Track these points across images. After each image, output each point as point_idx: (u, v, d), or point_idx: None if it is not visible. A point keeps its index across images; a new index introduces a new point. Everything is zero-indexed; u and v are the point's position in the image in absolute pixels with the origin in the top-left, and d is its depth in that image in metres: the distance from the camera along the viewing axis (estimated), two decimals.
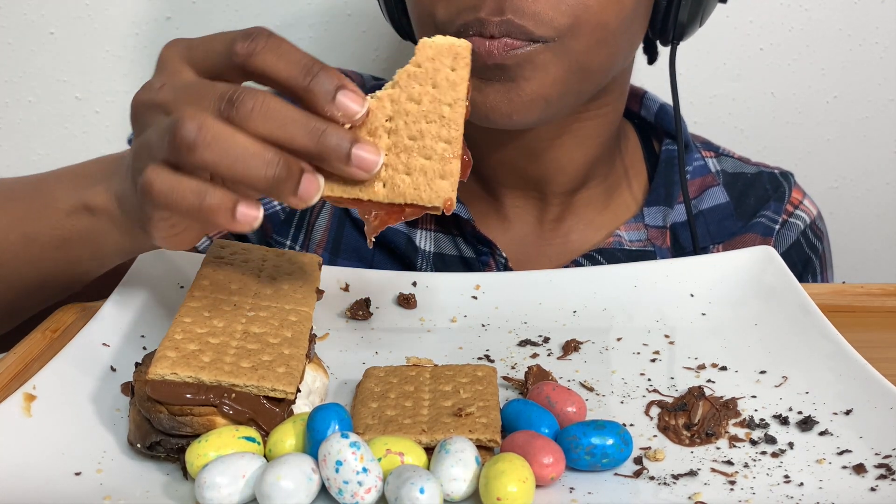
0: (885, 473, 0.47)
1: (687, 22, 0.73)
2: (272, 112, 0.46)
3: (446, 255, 0.79)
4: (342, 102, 0.46)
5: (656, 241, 0.79)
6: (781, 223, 0.83)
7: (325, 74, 0.46)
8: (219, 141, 0.45)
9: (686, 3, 0.71)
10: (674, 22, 0.72)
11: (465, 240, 0.79)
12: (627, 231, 0.79)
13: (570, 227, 0.80)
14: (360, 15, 1.06)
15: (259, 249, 0.60)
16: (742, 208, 0.83)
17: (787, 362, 0.57)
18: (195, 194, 0.46)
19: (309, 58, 0.47)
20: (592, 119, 0.76)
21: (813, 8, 1.09)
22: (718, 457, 0.49)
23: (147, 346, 0.59)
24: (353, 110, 0.47)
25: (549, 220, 0.80)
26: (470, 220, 0.77)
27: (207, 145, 0.45)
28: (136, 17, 1.05)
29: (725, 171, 0.85)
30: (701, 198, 0.82)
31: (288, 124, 0.46)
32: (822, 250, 0.87)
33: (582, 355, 0.60)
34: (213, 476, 0.44)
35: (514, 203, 0.80)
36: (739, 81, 1.12)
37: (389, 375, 0.54)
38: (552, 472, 0.46)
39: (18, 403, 0.50)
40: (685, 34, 0.74)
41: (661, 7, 0.72)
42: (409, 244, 0.79)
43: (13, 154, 1.09)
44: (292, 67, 0.47)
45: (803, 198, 0.86)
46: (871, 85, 1.13)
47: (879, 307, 0.68)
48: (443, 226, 0.79)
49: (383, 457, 0.46)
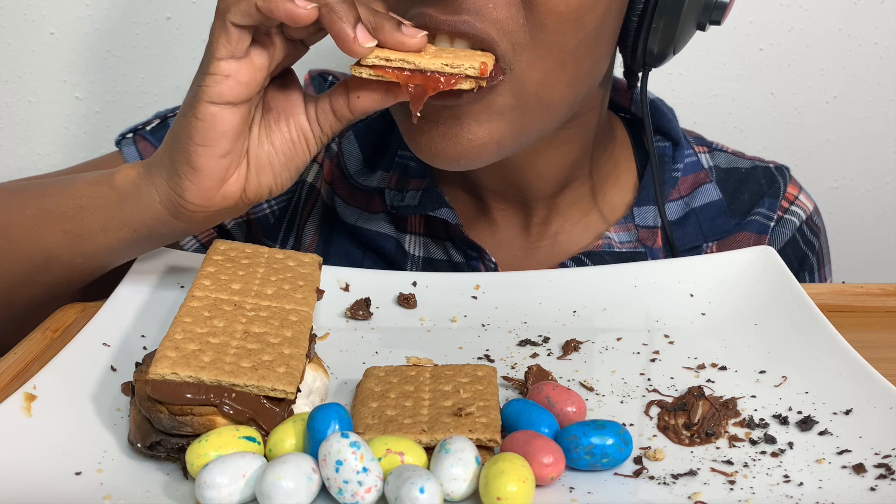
0: (884, 473, 0.47)
1: (658, 50, 0.68)
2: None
3: (436, 259, 0.78)
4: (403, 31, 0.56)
5: (647, 242, 0.78)
6: (776, 220, 0.82)
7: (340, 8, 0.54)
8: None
9: (656, 30, 0.67)
10: (643, 49, 0.69)
11: (454, 245, 0.78)
12: (617, 232, 0.78)
13: (558, 229, 0.79)
14: None
15: (260, 249, 0.60)
16: (736, 205, 0.81)
17: (786, 362, 0.58)
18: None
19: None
20: (568, 129, 0.73)
21: (813, 8, 1.09)
22: (718, 456, 0.49)
23: (147, 346, 0.59)
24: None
25: (535, 224, 0.79)
26: (458, 226, 0.76)
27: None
28: (136, 17, 1.05)
29: (719, 167, 0.83)
30: (693, 195, 0.81)
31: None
32: (819, 246, 0.85)
33: (582, 355, 0.60)
34: (214, 476, 0.44)
35: (499, 207, 0.79)
36: (739, 81, 1.12)
37: (389, 375, 0.54)
38: (552, 471, 0.46)
39: (19, 403, 0.50)
40: (657, 62, 0.70)
41: (630, 33, 0.68)
42: (398, 249, 0.78)
43: (13, 154, 1.09)
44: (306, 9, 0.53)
45: (799, 193, 0.84)
46: (870, 85, 1.13)
47: (879, 307, 0.68)
48: (432, 231, 0.79)
49: (383, 456, 0.46)
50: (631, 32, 0.68)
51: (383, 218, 0.79)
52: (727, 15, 0.69)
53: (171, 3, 1.05)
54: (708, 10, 0.68)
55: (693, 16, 0.68)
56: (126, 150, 0.81)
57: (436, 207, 0.77)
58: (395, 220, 0.79)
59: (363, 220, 0.80)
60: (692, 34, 0.70)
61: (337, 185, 0.82)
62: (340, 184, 0.82)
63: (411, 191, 0.79)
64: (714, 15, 0.69)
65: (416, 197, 0.78)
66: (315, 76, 0.86)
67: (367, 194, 0.81)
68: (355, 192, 0.81)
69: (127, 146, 0.81)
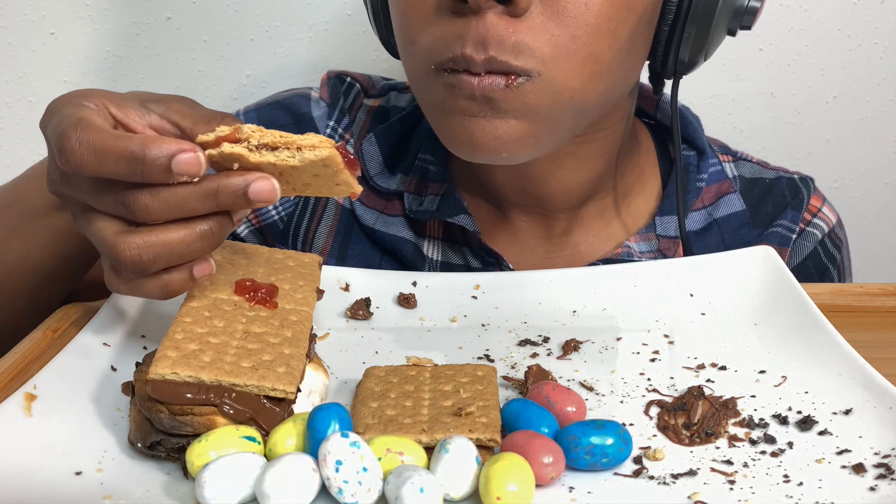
0: (884, 473, 0.47)
1: (689, 58, 0.68)
2: (165, 197, 0.48)
3: (453, 264, 0.78)
4: (180, 170, 0.47)
5: (668, 252, 0.77)
6: (798, 232, 0.81)
7: (152, 158, 0.47)
8: (156, 248, 0.49)
9: (688, 38, 0.67)
10: (675, 58, 0.68)
11: (471, 251, 0.78)
12: (637, 242, 0.77)
13: (579, 239, 0.78)
14: (361, 15, 1.06)
15: (260, 249, 0.60)
16: (759, 216, 0.81)
17: (786, 362, 0.58)
18: (159, 289, 0.51)
19: (126, 144, 0.47)
20: (593, 141, 0.73)
21: (813, 8, 1.09)
22: (718, 456, 0.49)
23: (147, 345, 0.59)
24: (193, 172, 0.48)
25: (556, 234, 0.78)
26: (476, 233, 0.76)
27: (153, 261, 0.49)
28: (136, 17, 1.05)
29: (743, 177, 0.82)
30: (716, 205, 0.80)
31: (184, 202, 0.49)
32: (841, 259, 0.84)
33: (582, 355, 0.60)
34: (214, 476, 0.44)
35: (520, 218, 0.78)
36: (739, 81, 1.12)
37: (389, 375, 0.54)
38: (552, 471, 0.46)
39: (19, 403, 0.50)
40: (687, 69, 0.70)
41: (661, 42, 0.68)
42: (416, 253, 0.78)
43: (13, 154, 1.09)
44: (120, 165, 0.48)
45: (822, 205, 0.83)
46: (870, 85, 1.13)
47: (879, 307, 0.68)
48: (450, 236, 0.79)
49: (383, 456, 0.46)
50: (662, 41, 0.68)
51: (401, 222, 0.79)
52: (757, 19, 0.69)
53: (171, 3, 1.05)
54: (738, 15, 0.68)
55: (724, 22, 0.68)
56: None
57: (454, 214, 0.76)
58: (413, 224, 0.79)
59: (381, 223, 0.80)
60: (722, 40, 0.70)
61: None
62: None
63: (430, 195, 0.79)
64: (745, 20, 0.68)
65: (435, 202, 0.78)
66: (332, 77, 0.86)
67: (386, 196, 0.81)
68: (373, 193, 0.81)
69: None
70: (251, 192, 0.48)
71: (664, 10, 0.67)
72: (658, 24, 0.67)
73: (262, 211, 0.82)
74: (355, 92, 0.85)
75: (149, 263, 0.49)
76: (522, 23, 0.61)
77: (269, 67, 1.08)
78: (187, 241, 0.49)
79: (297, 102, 0.83)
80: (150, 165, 0.47)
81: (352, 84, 0.85)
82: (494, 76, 0.61)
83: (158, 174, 0.47)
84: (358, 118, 0.84)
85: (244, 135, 0.49)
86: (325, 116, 0.83)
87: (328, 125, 0.83)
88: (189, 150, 0.47)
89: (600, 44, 0.63)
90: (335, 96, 0.84)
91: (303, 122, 0.82)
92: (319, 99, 0.84)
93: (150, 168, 0.47)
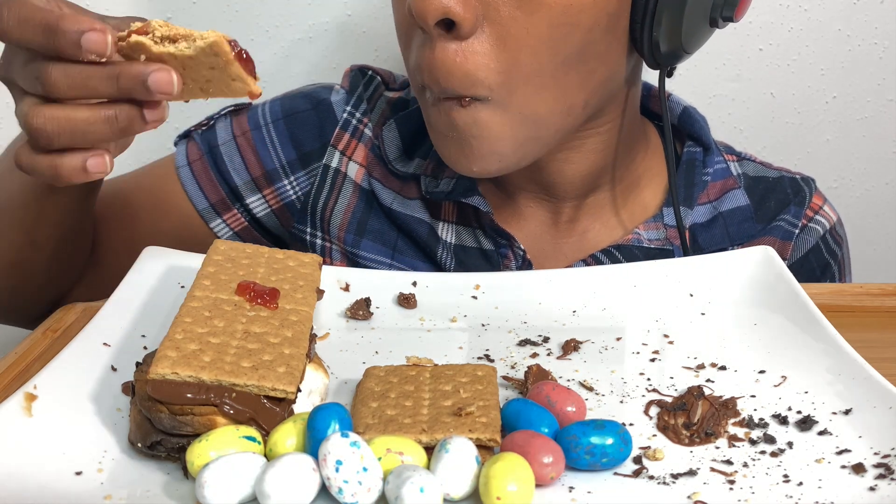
0: (884, 473, 0.47)
1: (667, 49, 0.69)
2: (72, 73, 0.52)
3: (467, 246, 0.80)
4: (88, 47, 0.51)
5: (675, 241, 0.79)
6: (801, 227, 0.83)
7: (63, 30, 0.51)
8: (60, 121, 0.52)
9: (658, 26, 0.67)
10: (649, 48, 0.69)
11: (484, 233, 0.80)
12: (647, 230, 0.79)
13: (587, 227, 0.81)
14: (360, 15, 1.06)
15: (260, 249, 0.60)
16: (762, 211, 0.83)
17: (786, 362, 0.58)
18: (51, 169, 0.54)
19: (45, 15, 0.51)
20: (593, 136, 0.76)
21: (813, 8, 1.09)
22: (718, 456, 0.49)
23: (147, 345, 0.59)
24: (101, 50, 0.51)
25: (563, 221, 0.81)
26: (489, 213, 0.78)
27: (56, 133, 0.53)
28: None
29: (747, 175, 0.84)
30: (721, 200, 0.82)
31: (88, 80, 0.52)
32: (842, 256, 0.86)
33: (581, 355, 0.60)
34: (214, 476, 0.44)
35: (528, 204, 0.81)
36: (739, 81, 1.12)
37: (389, 375, 0.54)
38: (552, 471, 0.46)
39: (19, 403, 0.50)
40: (668, 60, 0.71)
41: (638, 34, 0.68)
42: (431, 234, 0.81)
43: None
44: (38, 34, 0.51)
45: (823, 203, 0.85)
46: (870, 85, 1.13)
47: (879, 307, 0.68)
48: (464, 219, 0.81)
49: (383, 456, 0.46)
50: (637, 32, 0.69)
51: (418, 204, 0.82)
52: (743, 11, 0.70)
53: (171, 3, 1.05)
54: (717, 6, 0.69)
55: (700, 12, 0.69)
56: (178, 150, 0.85)
57: (468, 195, 0.79)
58: (429, 206, 0.82)
59: (398, 203, 0.82)
60: (705, 32, 0.71)
61: (373, 168, 0.84)
62: (376, 167, 0.84)
63: (445, 178, 0.81)
64: (725, 11, 0.70)
65: (450, 184, 0.80)
66: (355, 69, 0.88)
67: (403, 180, 0.83)
68: (391, 177, 0.83)
69: (180, 147, 0.85)
70: (150, 81, 0.51)
71: (635, 3, 0.68)
72: (631, 16, 0.68)
73: (280, 190, 0.84)
74: (376, 83, 0.87)
75: (52, 135, 0.52)
76: (471, 46, 0.64)
77: (270, 67, 1.08)
78: (90, 121, 0.52)
79: (319, 91, 0.86)
80: (61, 37, 0.51)
81: (373, 76, 0.87)
82: (451, 100, 0.67)
83: (68, 48, 0.51)
84: (377, 106, 0.86)
85: (152, 28, 0.52)
86: (343, 102, 0.85)
87: (345, 110, 0.85)
88: (99, 31, 0.51)
89: (541, 58, 0.65)
90: (355, 85, 0.87)
91: (321, 108, 0.85)
92: (340, 88, 0.87)
93: (62, 40, 0.51)
